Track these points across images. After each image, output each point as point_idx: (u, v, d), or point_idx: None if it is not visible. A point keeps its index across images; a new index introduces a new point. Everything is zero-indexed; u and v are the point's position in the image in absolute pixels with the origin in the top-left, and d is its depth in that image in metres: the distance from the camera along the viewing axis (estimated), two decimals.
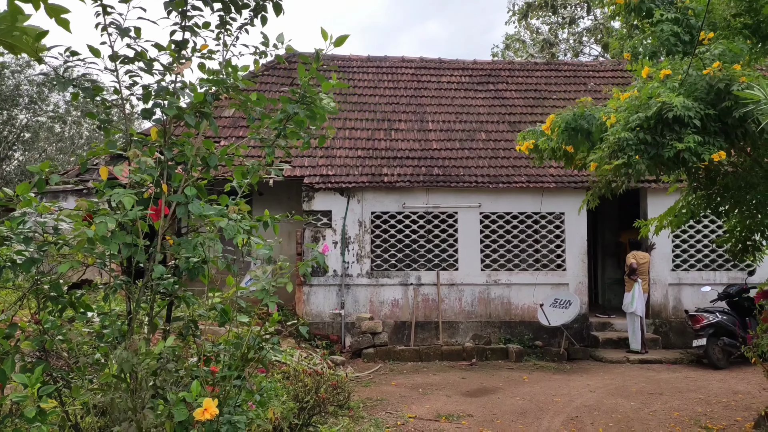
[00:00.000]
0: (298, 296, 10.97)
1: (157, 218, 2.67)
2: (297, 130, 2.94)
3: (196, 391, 2.77)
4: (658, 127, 4.80)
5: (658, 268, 11.22)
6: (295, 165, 11.26)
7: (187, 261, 2.91)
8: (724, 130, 4.85)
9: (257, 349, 3.43)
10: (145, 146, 2.81)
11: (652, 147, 4.80)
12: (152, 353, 2.74)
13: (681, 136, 4.63)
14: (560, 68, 15.11)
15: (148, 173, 2.58)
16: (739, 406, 7.31)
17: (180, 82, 2.79)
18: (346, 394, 6.07)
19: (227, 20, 2.86)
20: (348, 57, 14.64)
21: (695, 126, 4.61)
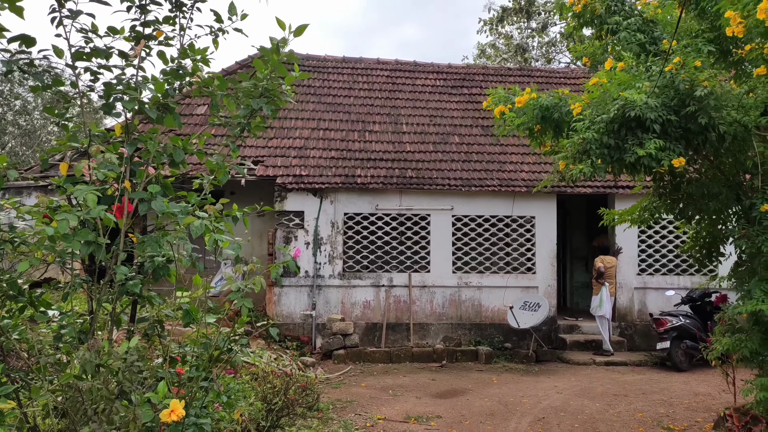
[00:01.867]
0: (269, 297, 10.88)
1: (121, 216, 2.61)
2: (261, 123, 2.89)
3: (163, 391, 2.72)
4: (621, 131, 4.90)
5: (624, 272, 11.46)
6: (268, 165, 11.17)
7: (152, 260, 2.86)
8: (686, 137, 4.98)
9: (226, 350, 3.39)
10: (109, 142, 2.75)
11: (615, 151, 4.90)
12: (115, 353, 2.68)
13: (642, 141, 4.74)
14: (533, 74, 15.33)
15: (110, 169, 2.52)
16: (700, 408, 7.51)
17: (142, 77, 2.73)
18: (316, 396, 6.03)
19: (180, 1, 2.77)
20: (323, 57, 14.59)
21: (656, 131, 4.72)
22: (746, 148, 5.08)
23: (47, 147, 22.46)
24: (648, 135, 4.72)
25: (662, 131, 4.80)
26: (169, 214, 2.75)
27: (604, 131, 4.86)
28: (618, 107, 4.77)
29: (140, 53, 2.72)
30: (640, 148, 4.68)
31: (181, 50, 2.77)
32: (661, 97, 4.89)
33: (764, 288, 4.81)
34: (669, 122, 4.78)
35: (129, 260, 2.91)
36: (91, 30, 2.60)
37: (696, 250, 6.50)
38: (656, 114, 4.68)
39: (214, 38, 2.89)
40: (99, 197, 2.63)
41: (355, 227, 11.16)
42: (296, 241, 10.89)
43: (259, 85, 2.81)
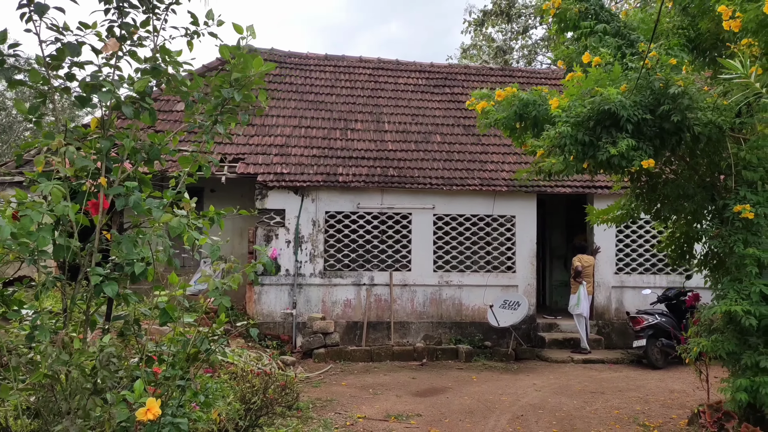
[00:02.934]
0: (249, 295, 10.80)
1: (96, 213, 2.57)
2: (233, 114, 2.86)
3: (139, 390, 2.69)
4: (597, 129, 4.97)
5: (602, 271, 11.61)
6: (248, 162, 11.09)
7: (132, 264, 2.81)
8: (661, 136, 5.06)
9: (204, 349, 3.36)
10: (84, 138, 2.70)
11: (589, 148, 4.96)
12: (87, 352, 2.64)
13: (616, 140, 4.80)
14: (514, 74, 15.44)
15: (84, 164, 2.47)
16: (675, 405, 7.64)
17: (118, 75, 2.70)
18: (295, 395, 6.01)
19: (154, 3, 2.76)
20: (305, 55, 14.52)
21: (629, 130, 4.79)
22: (721, 149, 5.17)
23: (24, 140, 22.01)
24: (622, 134, 4.79)
25: (636, 130, 4.87)
26: (146, 211, 2.71)
27: (579, 127, 4.91)
28: (593, 102, 4.83)
29: (117, 52, 2.69)
30: (613, 146, 4.75)
31: (155, 51, 2.75)
32: (638, 96, 4.96)
33: (737, 288, 4.91)
34: (644, 121, 4.85)
35: (104, 257, 2.86)
36: (63, 28, 2.56)
37: (671, 250, 6.60)
38: (629, 112, 4.74)
39: (189, 40, 2.89)
40: (75, 193, 2.58)
41: (337, 226, 11.13)
42: (277, 239, 10.83)
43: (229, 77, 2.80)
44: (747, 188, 5.06)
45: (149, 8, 2.76)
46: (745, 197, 4.97)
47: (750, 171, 5.02)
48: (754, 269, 4.83)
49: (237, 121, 3.01)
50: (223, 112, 2.98)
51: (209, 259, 3.45)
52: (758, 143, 4.98)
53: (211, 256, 3.11)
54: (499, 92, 5.78)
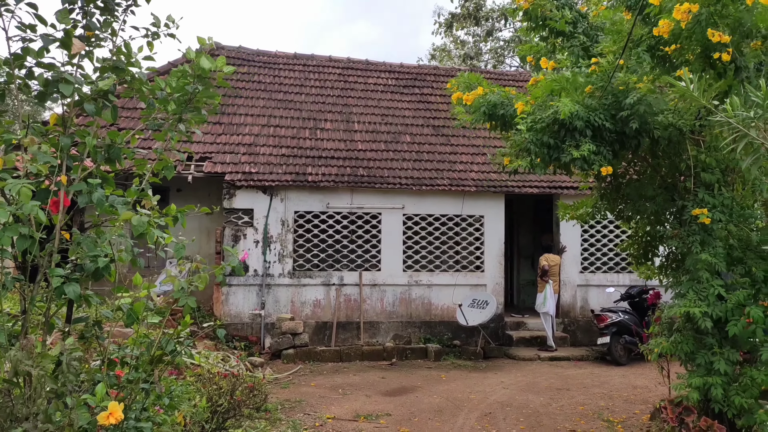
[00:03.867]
0: (216, 296, 10.65)
1: (57, 211, 2.50)
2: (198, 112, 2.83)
3: (101, 393, 2.62)
4: (561, 132, 5.07)
5: (568, 270, 11.83)
6: (216, 161, 10.93)
7: (94, 260, 2.74)
8: (621, 140, 5.19)
9: (169, 351, 3.30)
10: (44, 135, 2.62)
11: (554, 150, 5.08)
12: (48, 355, 2.56)
13: (579, 143, 4.92)
14: (484, 75, 15.58)
15: (46, 162, 2.40)
16: (638, 400, 7.84)
17: (81, 74, 2.64)
18: (263, 396, 5.94)
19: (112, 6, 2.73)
20: (274, 53, 14.39)
21: (588, 135, 4.92)
22: (681, 151, 5.32)
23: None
24: (585, 139, 4.91)
25: (597, 135, 5.00)
26: (109, 208, 2.65)
27: (543, 132, 5.02)
28: (550, 114, 4.95)
29: (80, 51, 2.64)
30: (576, 149, 4.87)
31: (113, 52, 2.72)
32: (599, 99, 5.08)
33: (696, 288, 5.06)
34: (603, 127, 4.98)
35: (63, 258, 2.78)
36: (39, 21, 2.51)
37: (634, 249, 6.77)
38: (583, 122, 4.87)
39: (149, 41, 2.90)
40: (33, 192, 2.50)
41: (306, 225, 11.06)
42: (245, 239, 10.70)
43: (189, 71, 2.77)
44: (705, 190, 5.21)
45: (109, 10, 2.74)
46: (703, 199, 5.13)
47: (708, 173, 5.18)
48: (705, 274, 4.99)
49: (204, 120, 2.97)
50: (188, 110, 2.94)
51: (175, 260, 3.38)
52: (715, 145, 5.14)
53: (176, 256, 3.06)
54: (467, 97, 5.85)
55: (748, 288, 4.91)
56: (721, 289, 4.89)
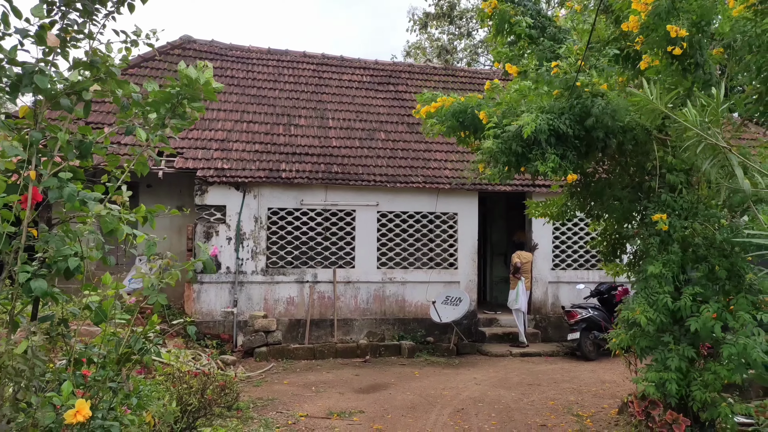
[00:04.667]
0: (188, 294, 10.50)
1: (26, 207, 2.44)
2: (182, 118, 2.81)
3: (68, 391, 2.56)
4: (530, 139, 5.16)
5: (539, 267, 12.00)
6: (188, 157, 10.76)
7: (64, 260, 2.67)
8: (588, 143, 5.29)
9: (137, 349, 3.24)
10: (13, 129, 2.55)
11: (522, 159, 5.18)
12: (14, 353, 2.49)
13: (545, 151, 5.02)
14: (457, 74, 15.70)
15: (16, 153, 2.34)
16: (606, 395, 8.00)
17: (55, 72, 2.59)
18: (235, 395, 5.89)
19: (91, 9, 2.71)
20: (247, 48, 14.23)
21: (552, 143, 5.03)
22: (648, 151, 5.44)
23: None
24: (551, 149, 5.01)
25: (561, 141, 5.10)
26: (79, 204, 2.59)
27: (511, 141, 5.10)
28: (516, 129, 5.04)
29: (55, 46, 2.59)
30: (542, 160, 4.98)
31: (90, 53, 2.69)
32: (568, 99, 5.18)
33: (646, 294, 5.18)
34: (568, 135, 5.08)
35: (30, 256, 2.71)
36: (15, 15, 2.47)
37: (603, 246, 6.90)
38: (546, 134, 4.96)
39: (127, 47, 2.90)
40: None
41: (280, 222, 10.98)
42: (217, 236, 10.57)
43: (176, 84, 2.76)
44: (669, 191, 5.33)
45: (88, 12, 2.71)
46: (665, 201, 5.25)
47: (673, 175, 5.31)
48: (654, 282, 5.12)
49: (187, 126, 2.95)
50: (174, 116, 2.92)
51: (144, 257, 3.33)
52: (680, 145, 5.26)
53: (147, 253, 3.01)
54: (428, 108, 5.98)
55: (709, 285, 5.05)
56: (669, 297, 5.02)
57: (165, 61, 12.88)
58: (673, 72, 4.89)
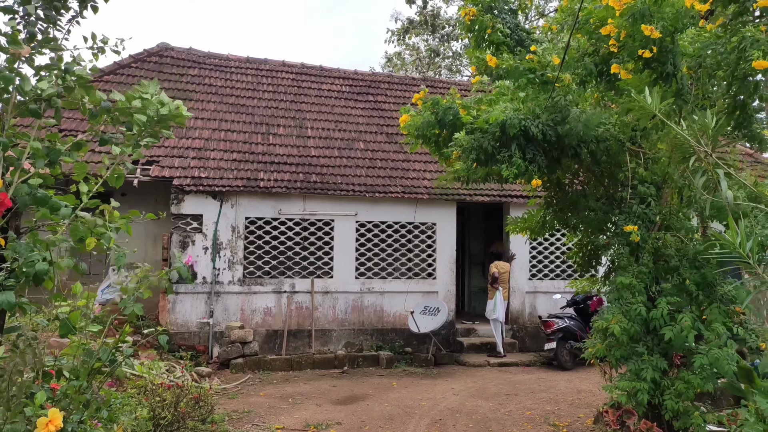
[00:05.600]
0: (162, 304, 10.31)
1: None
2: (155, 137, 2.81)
3: (40, 400, 2.49)
4: (503, 138, 5.21)
5: (517, 277, 12.09)
6: (164, 165, 10.62)
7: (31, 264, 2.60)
8: (560, 149, 5.36)
9: (108, 362, 3.17)
10: None
11: (491, 159, 5.22)
12: None
13: (512, 154, 5.08)
14: (437, 84, 15.83)
15: None
16: (582, 404, 8.06)
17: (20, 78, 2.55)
18: (209, 408, 5.78)
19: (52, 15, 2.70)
20: (225, 56, 14.17)
21: (521, 146, 5.09)
22: (621, 162, 5.53)
23: None
24: (518, 153, 5.06)
25: (531, 143, 5.15)
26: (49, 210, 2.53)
27: (483, 138, 5.14)
28: (487, 121, 5.09)
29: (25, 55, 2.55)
30: (509, 164, 5.04)
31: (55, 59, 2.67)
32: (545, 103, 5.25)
33: (620, 303, 5.26)
34: (538, 138, 5.13)
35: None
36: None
37: (579, 257, 6.98)
38: (517, 130, 5.00)
39: (94, 53, 2.90)
40: None
41: (257, 232, 10.89)
42: (194, 245, 10.43)
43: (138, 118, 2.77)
44: (640, 203, 5.42)
45: (48, 18, 2.69)
46: (636, 213, 5.34)
47: (644, 186, 5.40)
48: (626, 293, 5.21)
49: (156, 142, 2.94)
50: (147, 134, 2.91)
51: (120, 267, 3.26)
52: (654, 157, 5.37)
53: (116, 264, 2.95)
54: (416, 96, 6.07)
55: (681, 296, 5.14)
56: (643, 307, 5.10)
57: (141, 68, 12.74)
58: (648, 83, 4.99)
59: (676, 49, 4.68)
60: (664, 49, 4.59)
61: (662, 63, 4.67)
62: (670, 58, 4.65)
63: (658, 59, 4.66)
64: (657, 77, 4.78)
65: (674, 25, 4.59)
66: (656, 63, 4.70)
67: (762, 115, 5.98)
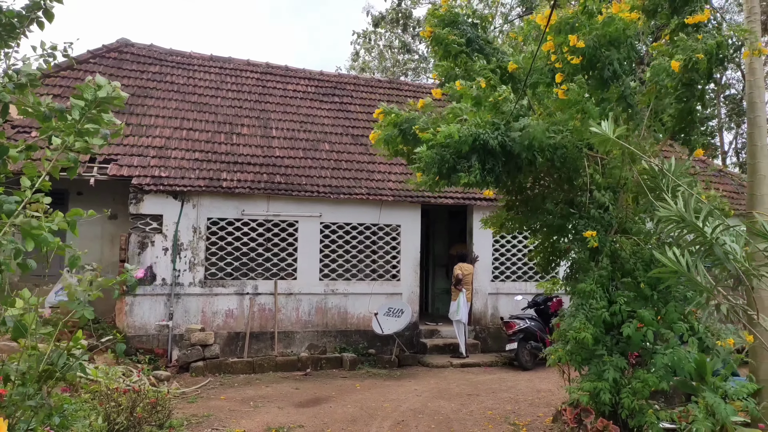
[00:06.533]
0: (119, 307, 10.04)
1: None
2: (95, 124, 2.75)
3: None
4: (461, 150, 5.30)
5: (480, 279, 12.23)
6: (122, 164, 10.35)
7: None
8: (519, 157, 5.47)
9: (61, 366, 3.06)
10: None
11: (452, 170, 5.32)
12: None
13: (471, 165, 5.19)
14: (402, 87, 15.90)
15: None
16: (542, 403, 8.21)
17: None
18: (167, 412, 5.65)
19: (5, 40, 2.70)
20: (188, 54, 13.91)
21: (479, 158, 5.20)
22: (579, 167, 5.67)
23: None
24: (477, 164, 5.17)
25: (490, 154, 5.26)
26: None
27: (445, 150, 5.23)
28: (443, 137, 5.19)
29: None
30: (467, 173, 5.14)
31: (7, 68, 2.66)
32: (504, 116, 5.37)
33: (585, 309, 5.39)
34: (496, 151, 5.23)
35: None
36: None
37: (540, 258, 7.10)
38: (469, 147, 5.12)
39: (46, 60, 2.96)
40: None
41: (219, 233, 10.71)
42: (153, 246, 10.19)
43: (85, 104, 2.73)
44: (597, 208, 5.57)
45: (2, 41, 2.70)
46: (594, 217, 5.48)
47: (600, 192, 5.56)
48: (590, 300, 5.36)
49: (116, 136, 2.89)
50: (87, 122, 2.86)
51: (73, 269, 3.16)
52: (611, 163, 5.52)
53: (70, 266, 2.86)
54: (378, 111, 6.18)
55: (638, 297, 5.29)
56: (606, 312, 5.25)
57: (100, 64, 12.39)
58: (588, 88, 5.18)
59: (613, 56, 4.90)
60: (598, 57, 4.84)
61: (599, 69, 4.89)
62: (608, 65, 4.88)
63: (596, 66, 4.90)
64: (596, 84, 5.01)
65: (609, 35, 4.84)
66: (594, 70, 4.95)
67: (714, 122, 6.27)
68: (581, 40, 4.77)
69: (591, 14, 5.03)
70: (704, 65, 4.73)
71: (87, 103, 2.77)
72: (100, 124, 2.89)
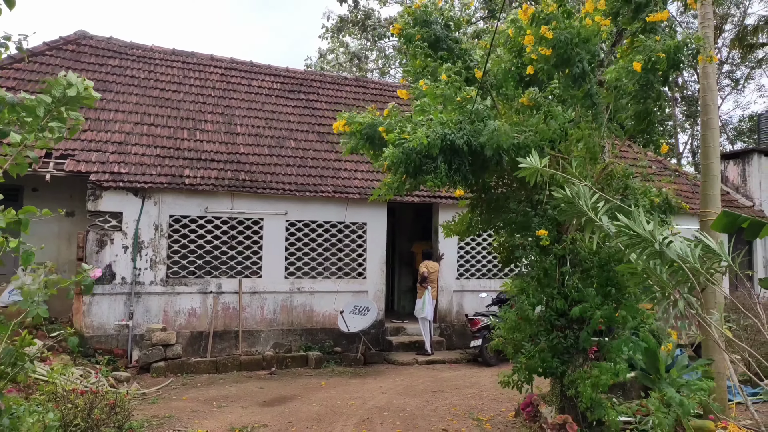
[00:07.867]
0: (77, 306, 9.76)
1: None
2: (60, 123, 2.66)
3: None
4: (431, 151, 5.35)
5: (446, 277, 12.34)
6: (79, 159, 10.04)
7: None
8: (484, 159, 5.55)
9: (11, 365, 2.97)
10: None
11: (419, 171, 5.37)
12: None
13: (437, 165, 5.25)
14: (368, 85, 15.89)
15: None
16: (504, 399, 8.33)
17: None
18: (127, 414, 5.52)
19: None
20: (149, 47, 13.59)
21: (445, 160, 5.27)
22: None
23: None
24: (443, 165, 5.23)
25: (456, 154, 5.32)
26: None
27: (412, 151, 5.26)
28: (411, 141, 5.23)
29: None
30: (434, 173, 5.20)
31: None
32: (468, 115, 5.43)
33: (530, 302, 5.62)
34: (463, 150, 5.29)
35: None
36: None
37: (503, 255, 7.22)
38: (437, 150, 5.18)
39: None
40: None
41: (182, 231, 10.51)
42: (112, 244, 9.93)
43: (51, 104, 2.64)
44: (554, 208, 5.69)
45: None
46: (550, 216, 5.61)
47: (557, 192, 5.67)
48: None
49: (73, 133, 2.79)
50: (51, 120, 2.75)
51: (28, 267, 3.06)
52: (571, 160, 5.64)
53: (23, 264, 2.77)
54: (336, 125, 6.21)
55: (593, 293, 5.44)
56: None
57: (57, 56, 11.99)
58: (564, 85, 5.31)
59: (584, 55, 5.04)
60: (569, 54, 4.96)
61: (571, 67, 5.02)
62: (578, 63, 5.02)
63: (568, 63, 5.02)
64: (567, 82, 5.13)
65: (581, 33, 4.97)
66: (566, 67, 5.06)
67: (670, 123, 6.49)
68: (550, 31, 4.89)
69: (569, 14, 5.14)
70: (664, 65, 4.90)
71: (54, 101, 2.68)
72: (64, 122, 2.80)
